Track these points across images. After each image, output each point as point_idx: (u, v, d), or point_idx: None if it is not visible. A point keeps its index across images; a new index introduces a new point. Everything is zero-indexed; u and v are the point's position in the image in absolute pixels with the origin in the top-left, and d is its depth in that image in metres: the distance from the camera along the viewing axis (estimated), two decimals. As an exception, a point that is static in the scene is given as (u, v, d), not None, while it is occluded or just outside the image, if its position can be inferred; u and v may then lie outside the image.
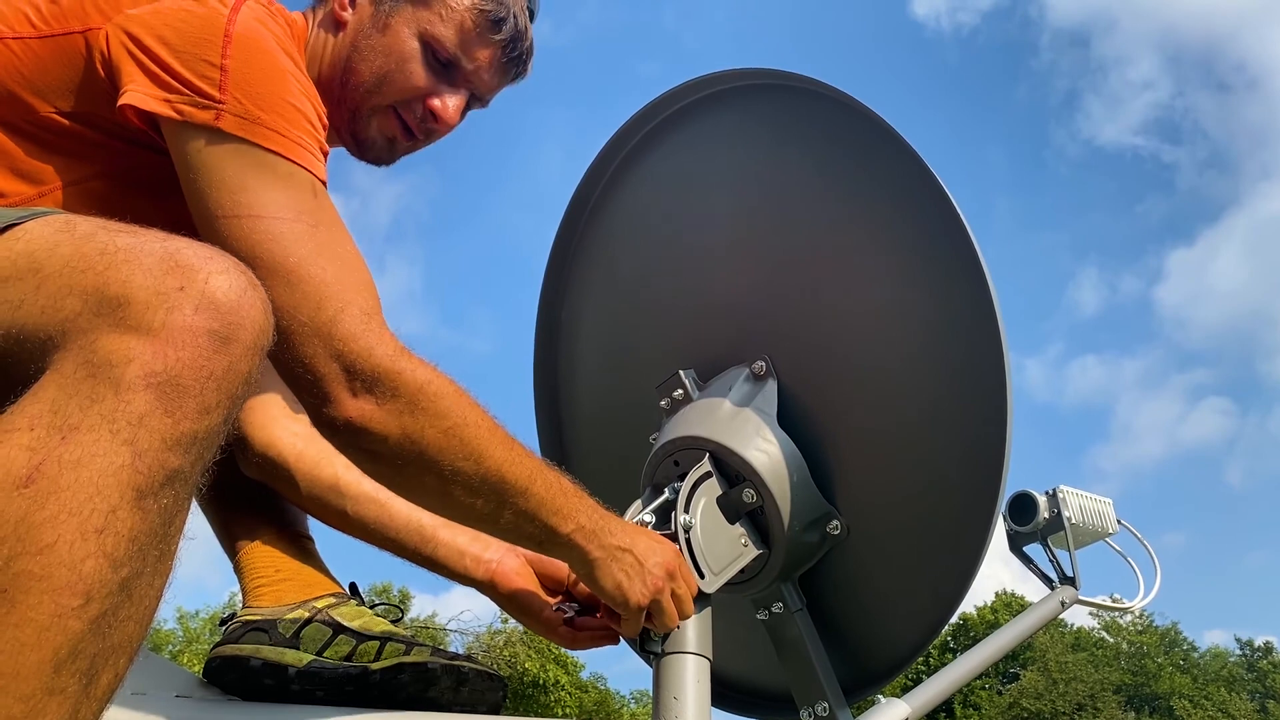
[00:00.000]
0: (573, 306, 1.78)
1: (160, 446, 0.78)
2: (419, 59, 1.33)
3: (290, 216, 1.04)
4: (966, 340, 1.32)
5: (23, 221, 0.89)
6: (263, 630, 1.27)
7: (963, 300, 1.33)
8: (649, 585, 1.20)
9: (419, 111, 1.35)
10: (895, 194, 1.40)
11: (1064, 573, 1.89)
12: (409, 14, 1.32)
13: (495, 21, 1.34)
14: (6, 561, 0.73)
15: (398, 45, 1.32)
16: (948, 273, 1.34)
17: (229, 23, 1.10)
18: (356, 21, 1.34)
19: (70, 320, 0.80)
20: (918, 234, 1.38)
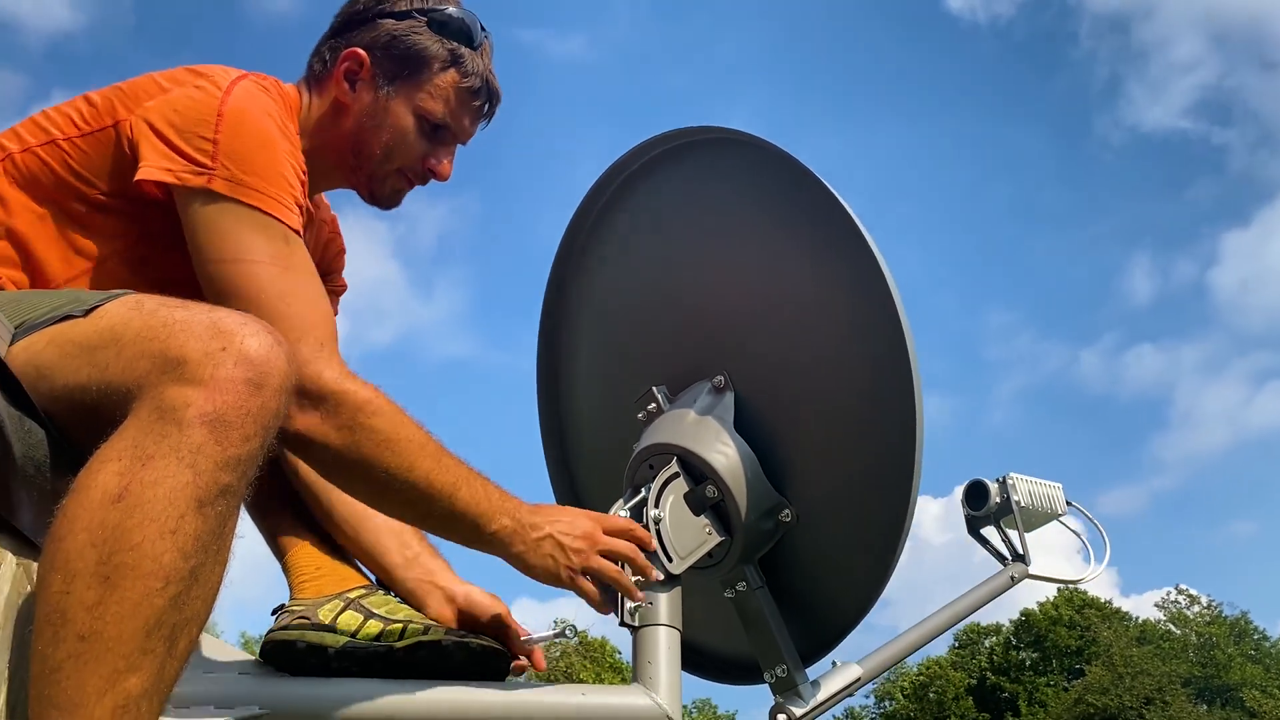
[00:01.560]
0: (570, 330, 2.05)
1: (214, 468, 1.05)
2: (416, 131, 1.62)
3: (265, 260, 1.33)
4: (877, 351, 1.57)
5: (104, 303, 1.17)
6: (305, 618, 1.54)
7: (872, 313, 1.57)
8: (575, 561, 1.46)
9: (420, 170, 1.65)
10: (813, 224, 1.65)
11: (1016, 551, 2.11)
12: (404, 96, 1.60)
13: (474, 91, 1.63)
14: (108, 556, 1.00)
15: (398, 123, 1.61)
16: (858, 290, 1.59)
17: (221, 103, 1.39)
18: (359, 106, 1.61)
19: (143, 377, 1.08)
20: (831, 255, 1.64)
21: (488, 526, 1.42)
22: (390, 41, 1.59)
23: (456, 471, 1.38)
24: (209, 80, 1.42)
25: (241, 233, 1.33)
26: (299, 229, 1.39)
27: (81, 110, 1.45)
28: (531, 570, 1.47)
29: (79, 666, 0.97)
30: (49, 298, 1.23)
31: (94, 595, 0.99)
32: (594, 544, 1.49)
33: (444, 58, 1.59)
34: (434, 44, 1.59)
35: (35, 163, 1.43)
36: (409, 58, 1.59)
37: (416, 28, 1.59)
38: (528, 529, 1.45)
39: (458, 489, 1.38)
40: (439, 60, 1.59)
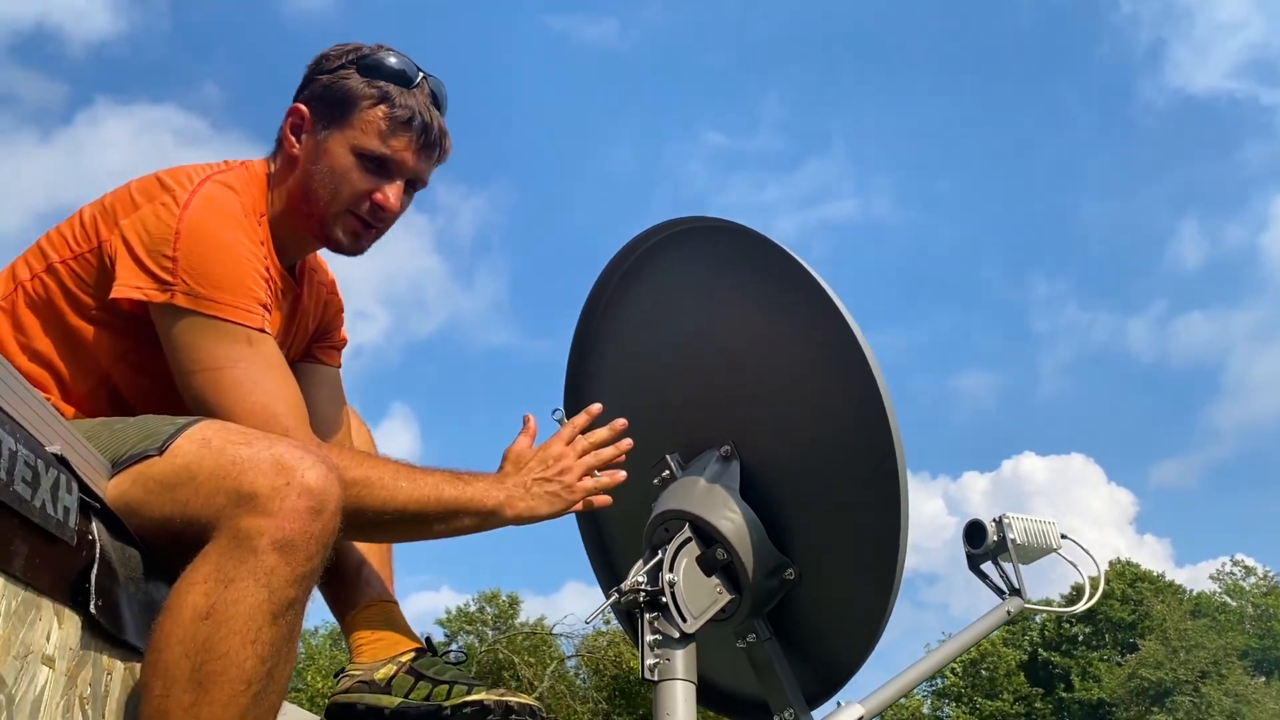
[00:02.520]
0: (593, 394, 2.23)
1: (284, 585, 1.26)
2: (356, 167, 1.70)
3: (228, 365, 1.51)
4: (861, 423, 1.74)
5: (174, 438, 1.37)
6: (365, 681, 1.76)
7: (855, 387, 1.74)
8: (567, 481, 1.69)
9: (367, 207, 1.72)
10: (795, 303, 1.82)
11: (1012, 585, 2.27)
12: (338, 136, 1.71)
13: (404, 120, 1.71)
14: (200, 664, 1.21)
15: (337, 163, 1.70)
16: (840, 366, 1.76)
17: (180, 220, 1.54)
18: (303, 154, 1.72)
19: (220, 510, 1.28)
20: (815, 334, 1.81)
21: (483, 508, 1.61)
22: (324, 91, 1.72)
23: (430, 482, 1.56)
24: (172, 195, 1.57)
25: (205, 343, 1.51)
26: (261, 325, 1.55)
27: (75, 230, 1.63)
28: (539, 515, 1.67)
29: (180, 761, 1.18)
30: (123, 431, 1.43)
31: (190, 698, 1.20)
32: (566, 460, 1.70)
33: (372, 95, 1.70)
34: (361, 85, 1.70)
35: (41, 288, 1.62)
36: (339, 100, 1.71)
37: (346, 74, 1.71)
38: (515, 489, 1.65)
39: (441, 494, 1.56)
40: (367, 98, 1.70)
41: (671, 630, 1.77)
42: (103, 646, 1.25)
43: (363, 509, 1.48)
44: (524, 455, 1.71)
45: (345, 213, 1.73)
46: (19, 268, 1.66)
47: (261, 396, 1.51)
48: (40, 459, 1.05)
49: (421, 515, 1.55)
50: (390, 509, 1.52)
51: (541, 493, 1.67)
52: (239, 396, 1.50)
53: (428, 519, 1.57)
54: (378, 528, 1.57)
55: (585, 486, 1.72)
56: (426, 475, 1.57)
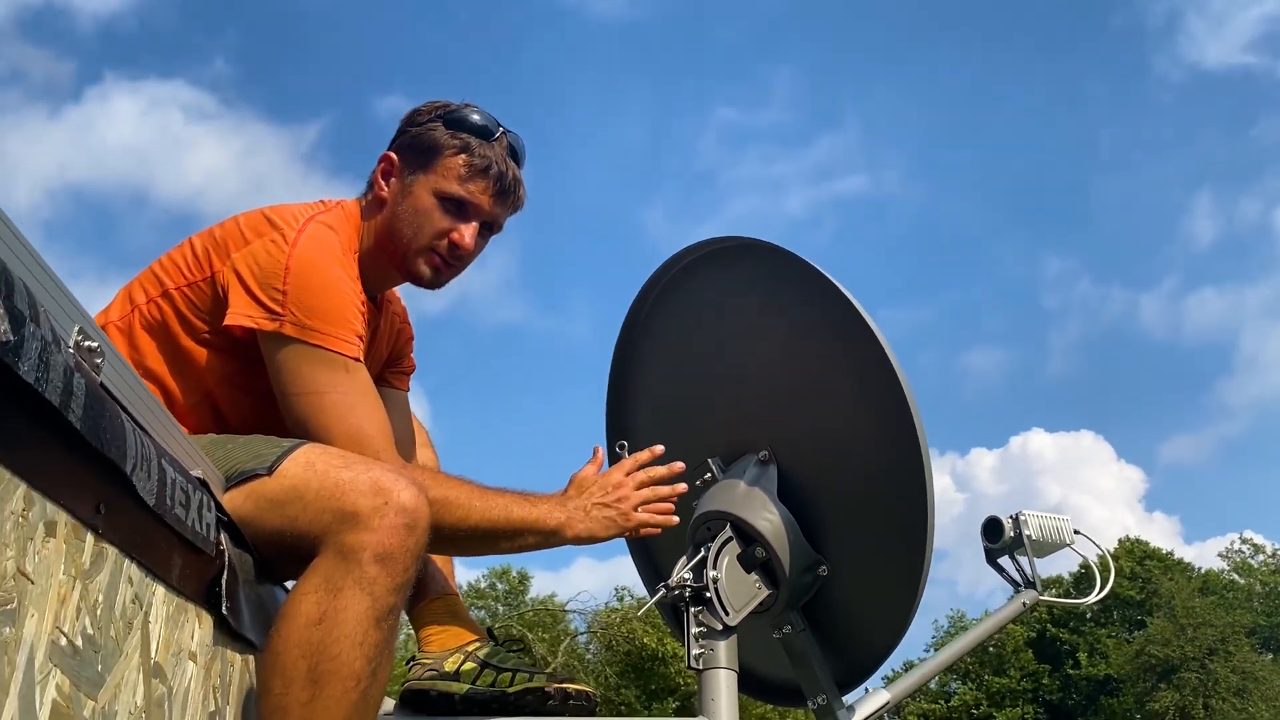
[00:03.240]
0: (633, 403, 2.39)
1: (385, 593, 1.42)
2: (437, 208, 1.87)
3: (328, 390, 1.67)
4: (889, 427, 1.89)
5: (281, 460, 1.53)
6: (435, 670, 1.92)
7: (882, 396, 1.89)
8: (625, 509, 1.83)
9: (445, 245, 1.89)
10: (826, 318, 1.97)
11: (1027, 579, 2.43)
12: (423, 180, 1.87)
13: (482, 169, 1.87)
14: (315, 665, 1.37)
15: (420, 204, 1.87)
16: (868, 376, 1.91)
17: (289, 257, 1.70)
18: (391, 196, 1.89)
19: (327, 527, 1.44)
20: (844, 346, 1.96)
21: (546, 527, 1.77)
22: (412, 140, 1.90)
23: (500, 503, 1.72)
24: (280, 233, 1.73)
25: (308, 369, 1.67)
26: (358, 356, 1.72)
27: (187, 259, 1.79)
28: (597, 537, 1.82)
29: (299, 748, 1.34)
30: (234, 450, 1.59)
31: (306, 694, 1.36)
32: (624, 489, 1.85)
33: (454, 145, 1.86)
34: (445, 136, 1.87)
35: (156, 311, 1.78)
36: (425, 148, 1.88)
37: (433, 126, 1.89)
38: (575, 511, 1.81)
39: (510, 514, 1.72)
40: (450, 148, 1.86)
41: (715, 623, 1.93)
42: (229, 643, 1.42)
43: (441, 526, 1.62)
44: (587, 481, 1.86)
45: (426, 249, 1.88)
46: (135, 291, 1.82)
47: (356, 420, 1.67)
48: (190, 483, 1.21)
49: (492, 533, 1.71)
50: (465, 527, 1.68)
51: (600, 516, 1.82)
52: (336, 419, 1.66)
53: (496, 536, 1.73)
54: (453, 543, 1.73)
55: (641, 518, 1.86)
56: (498, 496, 1.73)
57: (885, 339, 1.91)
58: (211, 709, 1.35)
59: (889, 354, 1.89)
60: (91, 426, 0.93)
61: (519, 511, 1.74)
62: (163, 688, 1.16)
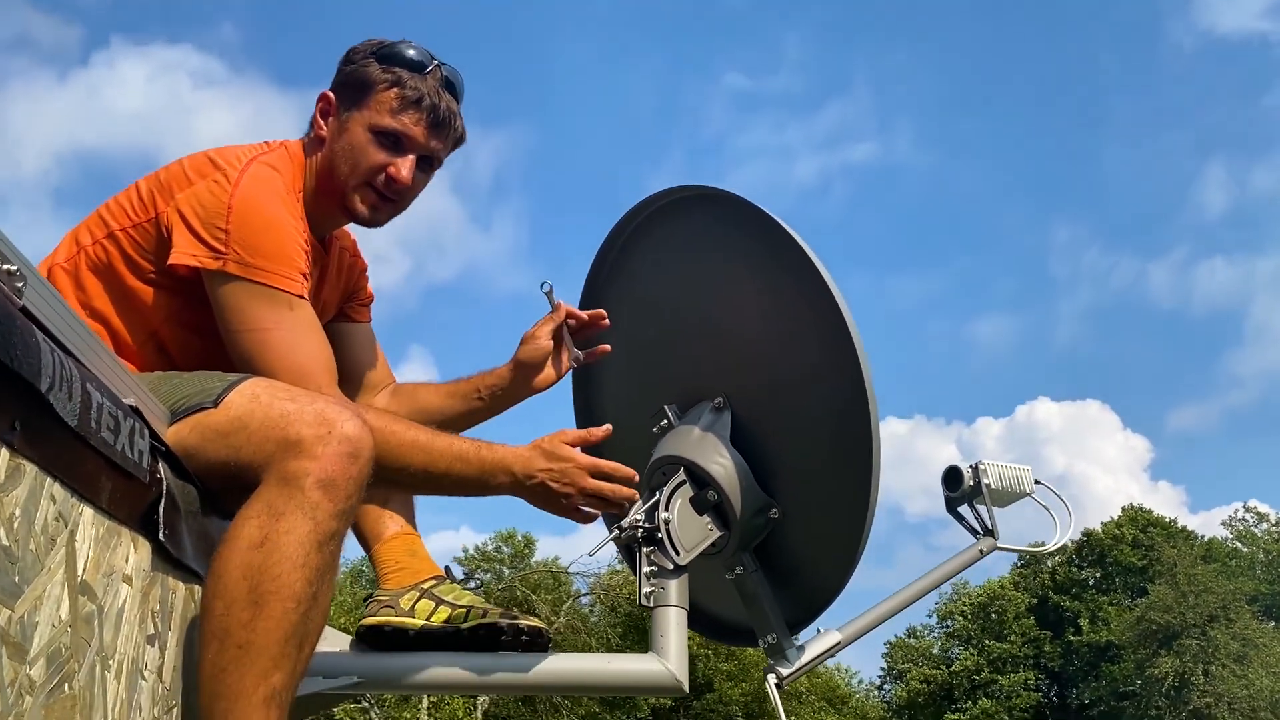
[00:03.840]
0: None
1: (327, 518, 1.45)
2: (371, 143, 1.89)
3: (272, 327, 1.70)
4: (840, 375, 1.91)
5: (227, 393, 1.56)
6: (390, 606, 1.96)
7: (835, 345, 1.91)
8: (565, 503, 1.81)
9: (382, 180, 1.90)
10: (783, 269, 1.99)
11: (986, 526, 2.45)
12: (357, 117, 1.90)
13: (414, 100, 1.89)
14: (256, 585, 1.40)
15: (356, 139, 1.90)
16: (822, 325, 1.92)
17: (232, 196, 1.73)
18: (329, 134, 1.92)
19: (270, 456, 1.47)
20: (800, 299, 1.97)
21: (490, 483, 1.78)
22: (346, 78, 1.92)
23: (451, 452, 1.73)
24: (223, 173, 1.75)
25: (252, 306, 1.70)
26: (302, 293, 1.74)
27: (132, 201, 1.81)
28: (534, 504, 1.83)
29: (239, 668, 1.38)
30: (180, 385, 1.62)
31: (247, 615, 1.39)
32: (580, 489, 1.81)
33: (386, 80, 1.89)
34: (378, 71, 1.89)
35: (102, 253, 1.81)
36: (357, 84, 1.90)
37: (367, 63, 1.91)
38: (522, 478, 1.79)
39: (452, 468, 1.73)
40: (381, 82, 1.89)
41: (666, 562, 1.97)
42: (169, 569, 1.46)
43: (384, 461, 1.63)
44: (554, 452, 1.81)
45: (363, 185, 1.91)
46: (80, 233, 1.84)
47: (299, 357, 1.70)
48: (120, 409, 1.24)
49: (432, 480, 1.73)
50: (404, 472, 1.70)
51: (544, 492, 1.80)
52: (279, 355, 1.69)
53: (439, 485, 1.76)
54: (391, 483, 1.76)
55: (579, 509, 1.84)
56: (443, 446, 1.73)
57: (838, 289, 1.93)
58: (150, 631, 1.38)
59: (841, 304, 1.91)
60: (4, 345, 0.96)
61: (460, 468, 1.74)
62: (91, 605, 1.19)
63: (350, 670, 1.90)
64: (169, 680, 1.46)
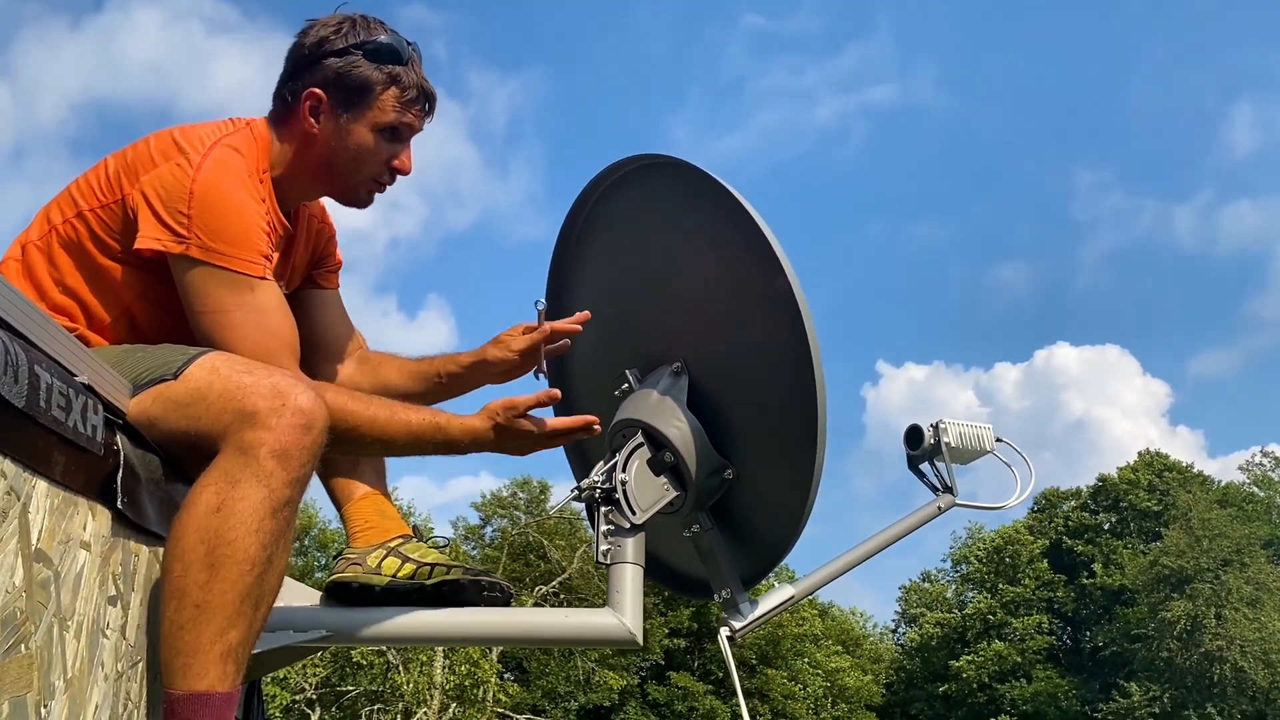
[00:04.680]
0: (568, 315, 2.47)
1: (281, 486, 1.53)
2: (377, 141, 1.97)
3: (233, 308, 1.77)
4: (786, 347, 1.97)
5: (187, 366, 1.63)
6: (357, 564, 2.05)
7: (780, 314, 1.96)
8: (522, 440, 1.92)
9: (388, 171, 2.02)
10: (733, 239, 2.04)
11: (945, 484, 2.52)
12: (359, 119, 1.95)
13: (413, 99, 1.98)
14: (212, 549, 1.49)
15: (360, 141, 1.96)
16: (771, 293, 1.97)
17: (193, 181, 1.78)
18: (325, 134, 1.95)
19: (227, 426, 1.55)
20: (751, 266, 2.02)
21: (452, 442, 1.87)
22: (338, 78, 1.93)
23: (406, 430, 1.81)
24: (186, 157, 1.81)
25: (214, 289, 1.77)
26: (264, 274, 1.81)
27: (101, 180, 1.87)
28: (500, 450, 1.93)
29: (196, 626, 1.47)
30: (143, 358, 1.70)
31: (204, 577, 1.48)
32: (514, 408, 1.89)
33: (383, 80, 1.94)
34: (373, 71, 1.93)
35: (72, 231, 1.87)
36: (356, 88, 1.93)
37: (356, 62, 1.93)
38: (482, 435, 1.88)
39: (419, 439, 1.83)
40: (380, 83, 1.94)
41: (623, 521, 2.04)
42: (130, 534, 1.54)
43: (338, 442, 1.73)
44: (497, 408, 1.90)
45: (371, 180, 2.01)
46: (52, 211, 1.91)
47: (260, 337, 1.77)
48: (70, 387, 1.32)
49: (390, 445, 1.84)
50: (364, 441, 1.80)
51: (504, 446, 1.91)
52: (240, 336, 1.76)
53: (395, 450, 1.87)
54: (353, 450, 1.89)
55: None
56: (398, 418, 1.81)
57: (786, 257, 1.98)
58: (111, 593, 1.48)
59: (787, 269, 1.96)
60: (-57, 334, 1.03)
61: (417, 430, 1.83)
62: (47, 571, 1.28)
63: (319, 624, 2.00)
64: (133, 637, 1.56)
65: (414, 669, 21.81)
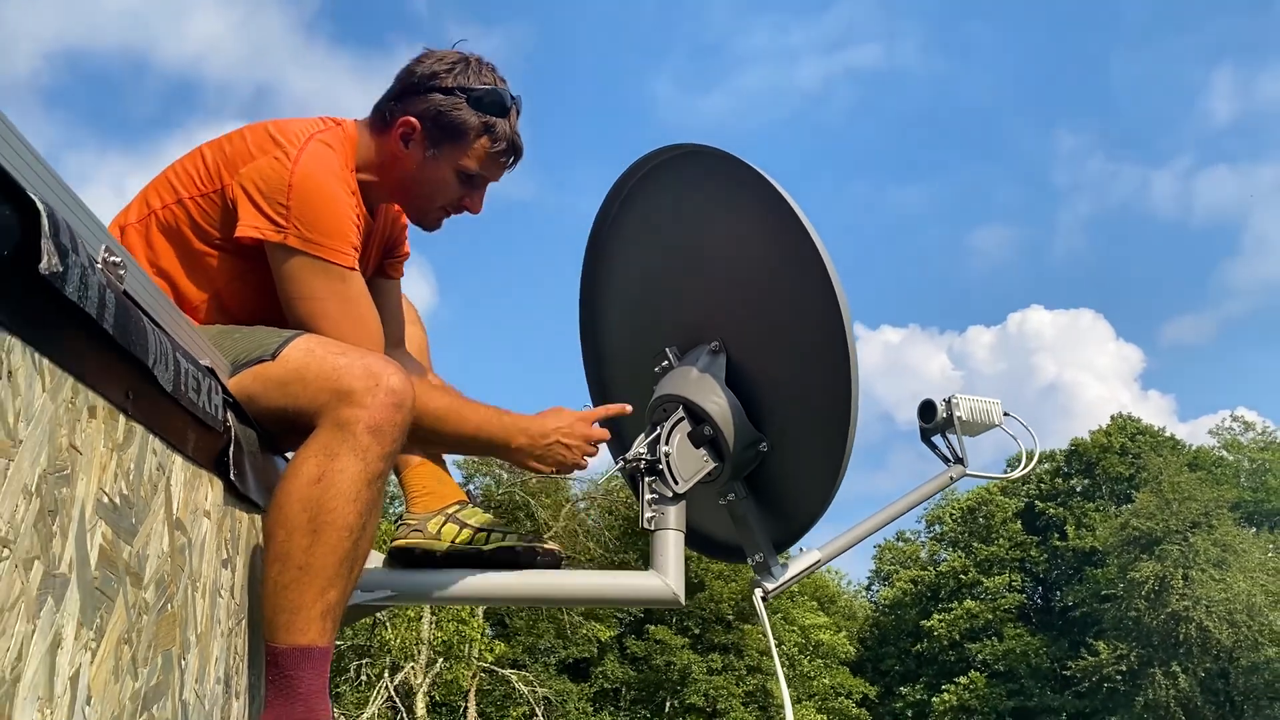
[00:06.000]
0: (604, 300, 2.61)
1: (375, 459, 1.67)
2: (455, 182, 2.08)
3: (326, 297, 1.90)
4: (821, 325, 2.11)
5: (283, 347, 1.76)
6: (419, 530, 2.20)
7: (817, 294, 2.10)
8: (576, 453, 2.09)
9: (458, 206, 2.14)
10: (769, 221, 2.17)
11: (957, 455, 2.68)
12: (446, 158, 2.05)
13: (501, 154, 2.09)
14: (315, 516, 1.62)
15: (441, 176, 2.07)
16: (805, 275, 2.12)
17: (291, 173, 1.89)
18: (411, 161, 2.05)
19: (325, 404, 1.68)
20: (787, 248, 2.16)
21: (511, 446, 2.03)
22: (438, 114, 2.02)
23: (474, 420, 1.98)
24: (283, 150, 1.92)
25: (309, 277, 1.89)
26: (354, 265, 1.94)
27: (200, 169, 1.98)
28: (547, 467, 2.09)
29: (299, 586, 1.61)
30: (240, 340, 1.83)
31: (307, 541, 1.62)
32: (588, 438, 2.10)
33: (479, 128, 2.03)
34: (471, 117, 2.02)
35: (171, 217, 1.99)
36: (451, 128, 2.03)
37: (458, 104, 2.03)
38: (539, 439, 2.04)
39: (479, 433, 1.99)
40: (474, 130, 2.03)
41: (666, 491, 2.20)
42: (236, 503, 1.68)
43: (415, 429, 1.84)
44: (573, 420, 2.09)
45: (440, 209, 2.14)
46: (150, 196, 2.03)
47: (349, 325, 1.90)
48: (200, 371, 1.45)
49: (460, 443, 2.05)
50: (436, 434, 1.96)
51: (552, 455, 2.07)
52: (332, 324, 1.89)
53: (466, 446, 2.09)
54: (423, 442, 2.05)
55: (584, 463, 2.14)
56: (471, 413, 1.98)
57: (820, 241, 2.12)
58: (224, 557, 1.62)
59: (822, 252, 2.10)
60: (121, 331, 1.16)
61: (487, 432, 1.99)
62: (183, 538, 1.42)
63: (385, 585, 2.15)
64: (239, 597, 1.70)
65: (400, 625, 22.10)
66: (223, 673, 1.60)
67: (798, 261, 2.16)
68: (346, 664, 22.75)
